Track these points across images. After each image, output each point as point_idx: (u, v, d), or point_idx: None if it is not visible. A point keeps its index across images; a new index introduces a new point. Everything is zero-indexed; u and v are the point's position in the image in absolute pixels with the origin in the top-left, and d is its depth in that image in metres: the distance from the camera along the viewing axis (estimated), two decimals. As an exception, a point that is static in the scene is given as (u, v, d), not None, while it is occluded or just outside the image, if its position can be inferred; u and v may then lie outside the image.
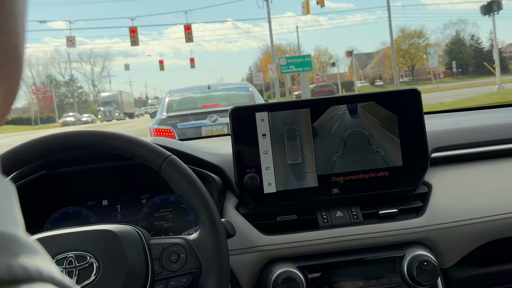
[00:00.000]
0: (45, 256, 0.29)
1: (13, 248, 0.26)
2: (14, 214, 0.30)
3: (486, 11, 19.71)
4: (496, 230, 1.09)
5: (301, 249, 1.04)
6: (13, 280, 0.25)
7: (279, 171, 1.06)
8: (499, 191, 1.13)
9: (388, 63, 49.69)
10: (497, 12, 19.61)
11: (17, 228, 0.29)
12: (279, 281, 0.98)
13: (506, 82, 20.81)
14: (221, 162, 1.13)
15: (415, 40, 49.31)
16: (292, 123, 1.06)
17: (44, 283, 0.26)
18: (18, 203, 0.32)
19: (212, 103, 6.77)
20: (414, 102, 1.09)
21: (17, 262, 0.25)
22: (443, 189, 1.12)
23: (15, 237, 0.27)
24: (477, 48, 51.34)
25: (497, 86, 19.31)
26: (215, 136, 1.56)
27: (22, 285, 0.25)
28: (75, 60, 60.90)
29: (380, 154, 1.07)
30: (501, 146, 1.22)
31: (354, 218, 1.07)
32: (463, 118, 1.43)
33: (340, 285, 1.04)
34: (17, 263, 0.25)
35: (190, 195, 0.84)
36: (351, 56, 47.19)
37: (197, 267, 0.84)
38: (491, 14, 19.67)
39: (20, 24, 0.30)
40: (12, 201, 0.31)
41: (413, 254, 1.02)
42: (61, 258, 0.80)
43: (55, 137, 0.85)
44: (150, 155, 0.86)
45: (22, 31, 0.30)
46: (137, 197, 1.20)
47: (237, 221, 1.05)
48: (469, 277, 1.14)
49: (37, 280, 0.26)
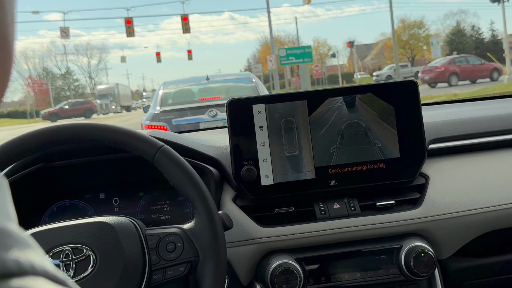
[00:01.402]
0: (38, 250, 0.29)
1: (5, 242, 0.26)
2: (7, 208, 0.30)
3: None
4: (493, 221, 1.09)
5: (298, 241, 1.04)
6: (6, 274, 0.25)
7: (276, 163, 1.06)
8: (496, 183, 1.13)
9: (388, 54, 49.53)
10: (507, 0, 19.20)
11: (10, 221, 0.29)
12: (277, 273, 0.98)
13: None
14: (218, 154, 1.13)
15: (415, 31, 49.10)
16: (289, 115, 1.06)
17: (37, 277, 0.26)
18: (10, 197, 0.31)
19: (211, 96, 6.11)
20: (411, 94, 1.08)
21: (9, 256, 0.25)
22: (440, 180, 1.12)
23: (7, 231, 0.27)
24: (478, 38, 51.13)
25: (507, 76, 18.96)
26: (212, 128, 1.56)
27: (14, 278, 0.25)
28: (72, 53, 60.65)
29: (378, 145, 1.07)
30: (499, 137, 1.22)
31: (351, 210, 1.07)
32: (460, 109, 1.43)
33: (337, 276, 1.05)
34: (9, 257, 0.25)
35: (185, 184, 0.84)
36: (352, 47, 47.00)
37: (194, 256, 0.84)
38: (501, 1, 19.29)
39: (9, 14, 0.30)
40: (4, 195, 0.31)
41: (410, 246, 1.02)
42: (58, 251, 0.80)
43: (46, 131, 0.85)
44: (143, 146, 0.86)
45: (11, 21, 0.30)
46: (135, 190, 1.20)
47: (235, 213, 1.05)
48: (466, 268, 1.14)
49: (30, 273, 0.26)
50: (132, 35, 23.89)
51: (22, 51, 53.68)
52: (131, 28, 23.69)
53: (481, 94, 14.03)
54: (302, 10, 77.26)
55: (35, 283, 0.25)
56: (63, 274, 0.28)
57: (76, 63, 61.93)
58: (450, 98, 8.64)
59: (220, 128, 1.50)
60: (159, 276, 0.83)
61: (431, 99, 13.76)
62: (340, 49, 57.47)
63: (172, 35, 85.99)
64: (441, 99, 11.94)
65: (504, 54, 21.63)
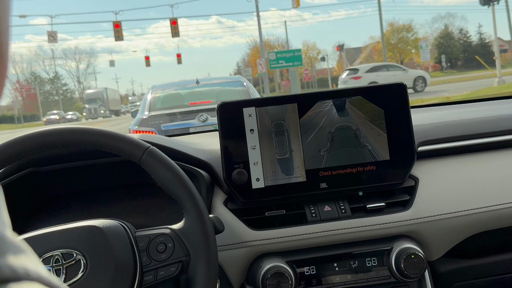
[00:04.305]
0: (32, 255, 0.29)
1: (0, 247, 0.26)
2: (1, 214, 0.30)
3: (485, 2, 19.32)
4: (482, 223, 1.10)
5: (289, 244, 1.04)
6: (0, 279, 0.24)
7: (267, 166, 1.06)
8: (485, 184, 1.14)
9: (377, 58, 49.80)
10: (497, 3, 19.02)
11: (4, 227, 0.29)
12: (268, 276, 0.98)
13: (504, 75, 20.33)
14: (209, 158, 1.13)
15: (404, 34, 49.49)
16: (280, 118, 1.07)
17: (32, 282, 0.26)
18: (4, 203, 0.31)
19: (201, 100, 5.95)
20: (400, 96, 1.09)
21: (4, 261, 0.25)
22: (430, 182, 1.13)
23: (1, 236, 0.27)
24: (466, 42, 51.64)
25: (497, 79, 18.72)
26: (202, 132, 1.56)
27: (9, 284, 0.25)
28: (60, 57, 60.26)
29: (368, 148, 1.08)
30: (487, 139, 1.23)
31: (342, 212, 1.07)
32: (449, 112, 1.44)
33: (328, 279, 1.05)
34: (4, 263, 0.25)
35: (173, 184, 0.84)
36: (341, 51, 47.21)
37: (185, 255, 0.84)
38: (491, 5, 19.27)
39: (4, 22, 0.30)
40: None
41: (401, 247, 1.03)
42: (48, 257, 0.79)
43: (32, 136, 0.84)
44: (130, 148, 0.85)
45: (6, 29, 0.30)
46: (123, 193, 1.20)
47: (226, 216, 1.05)
48: (455, 269, 1.15)
49: (24, 279, 0.26)
50: (121, 39, 23.79)
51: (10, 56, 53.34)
52: (120, 32, 23.59)
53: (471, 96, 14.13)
54: (290, 14, 77.55)
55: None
56: (57, 280, 0.28)
57: (64, 68, 61.57)
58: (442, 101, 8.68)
59: (211, 132, 1.50)
60: (151, 277, 0.83)
61: (422, 102, 13.84)
62: (329, 53, 57.78)
63: (159, 39, 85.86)
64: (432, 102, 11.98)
65: (494, 57, 21.58)
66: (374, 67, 22.03)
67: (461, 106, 1.63)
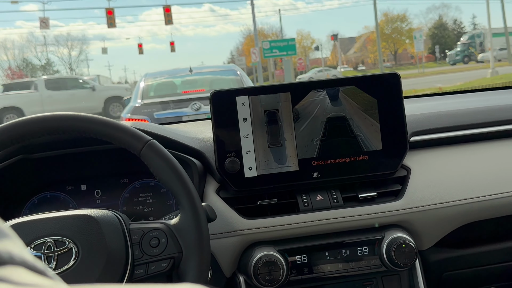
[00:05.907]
0: (17, 240, 0.28)
1: None
2: None
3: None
4: (472, 213, 1.11)
5: (281, 233, 1.05)
6: None
7: (259, 155, 1.06)
8: (477, 175, 1.14)
9: (371, 48, 49.81)
10: None
11: None
12: (260, 265, 0.98)
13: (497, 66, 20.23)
14: (202, 146, 1.12)
15: (398, 25, 49.43)
16: (273, 107, 1.06)
17: (16, 266, 0.26)
18: None
19: (194, 89, 5.96)
20: (394, 86, 1.09)
21: None
22: (422, 172, 1.14)
23: None
24: (460, 32, 51.67)
25: (490, 70, 18.73)
26: (195, 120, 1.55)
27: None
28: (52, 44, 59.65)
29: (360, 138, 1.08)
30: (479, 130, 1.23)
31: (334, 202, 1.08)
32: (442, 102, 1.44)
33: (320, 268, 1.05)
34: None
35: (171, 179, 0.84)
36: (335, 40, 47.09)
37: (177, 252, 0.84)
38: None
39: None
40: None
41: (392, 237, 1.04)
42: (40, 243, 0.79)
43: (30, 121, 0.83)
44: (130, 140, 0.84)
45: None
46: (117, 181, 1.19)
47: (218, 205, 1.05)
48: (446, 259, 1.16)
49: (8, 263, 0.25)
50: (113, 26, 23.49)
51: (1, 42, 52.64)
52: (112, 19, 23.31)
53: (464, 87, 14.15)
54: (283, 3, 77.17)
55: (14, 272, 0.25)
56: (43, 264, 0.28)
57: (56, 54, 60.94)
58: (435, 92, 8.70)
59: (204, 120, 1.49)
60: (142, 271, 0.83)
61: (415, 93, 13.86)
62: (323, 42, 57.59)
63: (152, 27, 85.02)
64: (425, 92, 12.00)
65: (488, 47, 21.48)
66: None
67: (453, 96, 1.63)
